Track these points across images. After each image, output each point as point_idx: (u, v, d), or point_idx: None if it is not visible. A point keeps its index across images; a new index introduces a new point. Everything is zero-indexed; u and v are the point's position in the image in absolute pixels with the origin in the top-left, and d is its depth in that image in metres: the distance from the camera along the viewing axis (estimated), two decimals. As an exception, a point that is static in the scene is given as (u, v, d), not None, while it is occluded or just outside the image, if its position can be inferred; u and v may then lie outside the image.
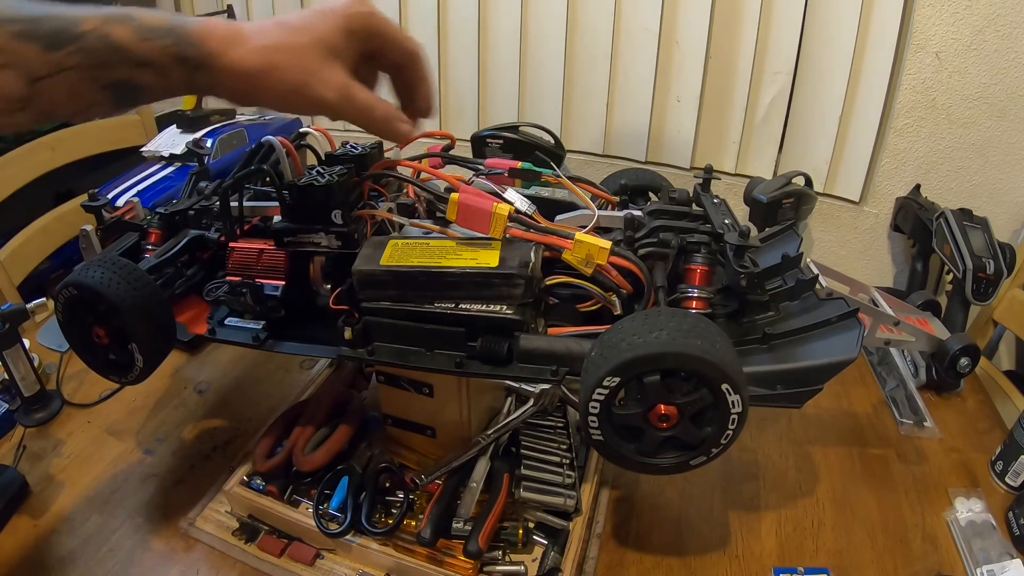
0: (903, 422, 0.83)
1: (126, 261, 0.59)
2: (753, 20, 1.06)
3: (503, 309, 0.55)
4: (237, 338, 0.64)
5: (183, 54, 0.42)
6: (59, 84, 0.40)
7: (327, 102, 0.46)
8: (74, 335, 0.62)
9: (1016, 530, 0.67)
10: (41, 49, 0.39)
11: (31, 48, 0.39)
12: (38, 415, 0.82)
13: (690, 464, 0.52)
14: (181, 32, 0.42)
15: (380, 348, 0.59)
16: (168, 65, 0.42)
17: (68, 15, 0.40)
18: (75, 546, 0.66)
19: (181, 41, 0.42)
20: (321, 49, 0.46)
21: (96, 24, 0.41)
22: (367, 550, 0.63)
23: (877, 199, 1.11)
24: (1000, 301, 0.98)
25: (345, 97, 0.47)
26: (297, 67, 0.45)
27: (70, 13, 0.40)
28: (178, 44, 0.42)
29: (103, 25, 0.41)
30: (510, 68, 1.26)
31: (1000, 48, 0.94)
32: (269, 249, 0.61)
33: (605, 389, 0.48)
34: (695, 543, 0.67)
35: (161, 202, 0.74)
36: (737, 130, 1.15)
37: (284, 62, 0.44)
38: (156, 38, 0.42)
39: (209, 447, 0.79)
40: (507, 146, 1.13)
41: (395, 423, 0.73)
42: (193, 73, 0.43)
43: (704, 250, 0.57)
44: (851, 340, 0.54)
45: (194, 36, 0.42)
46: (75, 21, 0.40)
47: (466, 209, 0.55)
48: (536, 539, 0.65)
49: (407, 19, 1.31)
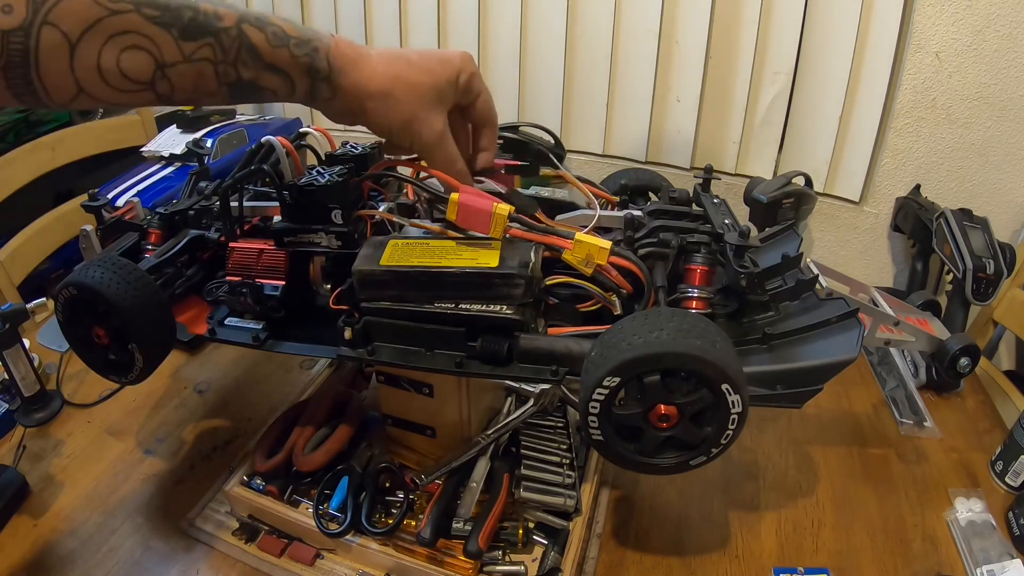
0: (903, 422, 0.83)
1: (126, 261, 0.59)
2: (753, 20, 1.06)
3: (503, 309, 0.55)
4: (237, 338, 0.64)
5: (313, 66, 0.45)
6: (186, 72, 0.42)
7: (425, 142, 0.50)
8: (74, 335, 0.62)
9: (1016, 530, 0.67)
10: (176, 38, 0.41)
11: (167, 36, 0.40)
12: (38, 415, 0.82)
13: (690, 464, 0.52)
14: (314, 44, 0.45)
15: (380, 348, 0.59)
16: (296, 74, 0.45)
17: (207, 8, 0.42)
18: (75, 546, 0.66)
19: (313, 53, 0.45)
20: (434, 92, 0.49)
21: (233, 22, 0.42)
22: (367, 550, 0.63)
23: (877, 199, 1.11)
24: (1000, 301, 0.98)
25: (439, 144, 0.51)
26: (410, 102, 0.48)
27: (209, 7, 0.42)
28: (310, 55, 0.45)
29: (239, 24, 0.42)
30: (510, 68, 1.26)
31: (1000, 48, 0.94)
32: (269, 249, 0.61)
33: (605, 389, 0.48)
34: (695, 543, 0.67)
35: (161, 202, 0.75)
36: (737, 130, 1.15)
37: (401, 94, 0.47)
38: (290, 46, 0.44)
39: (209, 447, 0.79)
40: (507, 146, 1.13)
41: (395, 423, 0.73)
42: (317, 84, 0.46)
43: (704, 250, 0.57)
44: (851, 340, 0.54)
45: (325, 50, 0.45)
46: (213, 16, 0.42)
47: (466, 209, 0.55)
48: (536, 539, 0.65)
49: (407, 19, 1.31)
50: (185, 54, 0.41)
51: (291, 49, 0.44)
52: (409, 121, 0.48)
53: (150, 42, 0.40)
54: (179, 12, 0.40)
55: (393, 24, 1.31)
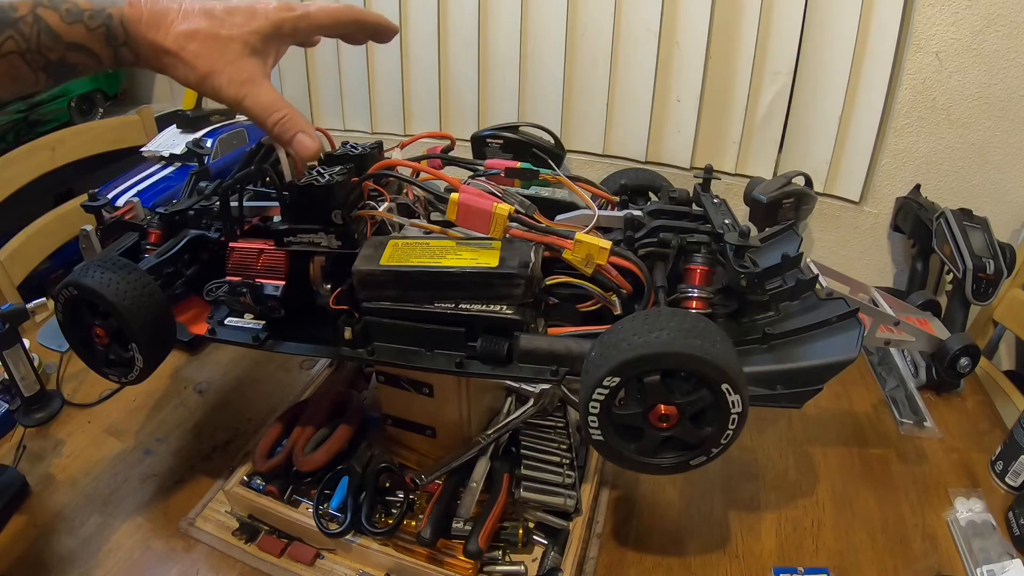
0: (903, 422, 0.83)
1: (126, 261, 0.59)
2: (753, 20, 1.06)
3: (503, 309, 0.55)
4: (237, 338, 0.64)
5: (110, 33, 0.45)
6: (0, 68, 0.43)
7: (227, 94, 0.48)
8: (74, 335, 0.62)
9: (1016, 530, 0.67)
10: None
11: None
12: (38, 415, 0.82)
13: (690, 464, 0.52)
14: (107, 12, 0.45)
15: (380, 348, 0.59)
16: (96, 46, 0.45)
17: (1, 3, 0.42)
18: (75, 546, 0.66)
19: (108, 20, 0.45)
20: (237, 45, 0.48)
21: (28, 9, 0.43)
22: (367, 550, 0.63)
23: (877, 199, 1.11)
24: (1000, 301, 0.98)
25: (248, 95, 0.48)
26: (207, 55, 0.47)
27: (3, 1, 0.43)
28: (105, 23, 0.45)
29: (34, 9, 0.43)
30: (510, 68, 1.26)
31: (1000, 48, 0.94)
32: (269, 249, 0.61)
33: (605, 389, 0.48)
34: (695, 543, 0.67)
35: (161, 202, 0.74)
36: (737, 130, 1.15)
37: (197, 48, 0.47)
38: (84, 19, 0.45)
39: (209, 447, 0.79)
40: (507, 146, 1.14)
41: (395, 423, 0.73)
42: (118, 50, 0.46)
43: (704, 250, 0.57)
44: (851, 340, 0.54)
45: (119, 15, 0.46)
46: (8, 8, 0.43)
47: (466, 209, 0.55)
48: (536, 539, 0.65)
49: (407, 19, 1.31)
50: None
51: (86, 22, 0.45)
52: (207, 75, 0.47)
53: None
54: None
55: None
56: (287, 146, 0.51)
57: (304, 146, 0.50)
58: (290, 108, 0.50)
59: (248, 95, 0.48)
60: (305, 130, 0.50)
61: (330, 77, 1.44)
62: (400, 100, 1.39)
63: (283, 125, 0.49)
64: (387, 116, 1.42)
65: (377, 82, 1.40)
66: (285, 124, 0.49)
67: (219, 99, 0.49)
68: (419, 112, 1.40)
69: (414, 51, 1.33)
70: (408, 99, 1.39)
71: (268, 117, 0.49)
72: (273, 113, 0.49)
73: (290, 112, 0.50)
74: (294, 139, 0.50)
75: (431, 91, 1.35)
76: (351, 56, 1.39)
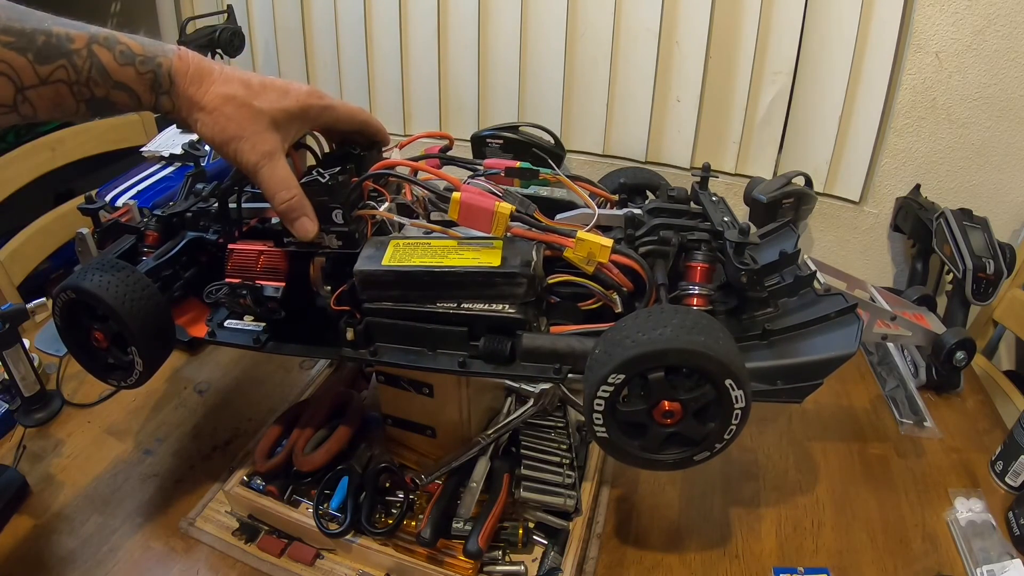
0: (903, 422, 0.83)
1: (124, 263, 0.59)
2: (753, 20, 1.06)
3: (505, 308, 0.55)
4: (237, 340, 0.64)
5: (156, 80, 0.48)
6: (45, 94, 0.45)
7: (247, 160, 0.51)
8: (72, 339, 0.62)
9: (1016, 530, 0.67)
10: (31, 62, 0.43)
11: (22, 60, 0.43)
12: (38, 415, 0.82)
13: (694, 460, 0.52)
14: (158, 60, 0.48)
15: (382, 349, 0.59)
16: (141, 89, 0.48)
17: (59, 32, 0.44)
18: (75, 546, 0.66)
19: (157, 68, 0.48)
20: (266, 117, 0.51)
21: (84, 43, 0.45)
22: (367, 550, 0.63)
23: (877, 199, 1.11)
24: (1000, 301, 0.98)
25: (265, 166, 0.51)
26: (237, 121, 0.50)
27: (61, 30, 0.45)
28: (154, 71, 0.48)
29: (90, 45, 0.45)
30: (510, 68, 1.26)
31: (1000, 48, 0.94)
32: (269, 250, 0.61)
33: (610, 386, 0.48)
34: (695, 543, 0.67)
35: (161, 202, 0.74)
36: (737, 130, 1.15)
37: (230, 112, 0.49)
38: (135, 64, 0.47)
39: (209, 447, 0.79)
40: (507, 146, 1.13)
41: (395, 423, 0.73)
42: (159, 98, 0.49)
43: (704, 247, 0.57)
44: (850, 335, 0.55)
45: (168, 65, 0.48)
46: (65, 39, 0.45)
47: (468, 208, 0.55)
48: (536, 539, 0.65)
49: (407, 19, 1.31)
50: (41, 77, 0.44)
51: (136, 67, 0.47)
52: (232, 138, 0.50)
53: (8, 67, 0.42)
54: (33, 37, 0.43)
55: (393, 24, 1.31)
56: (289, 225, 0.54)
57: (305, 230, 0.55)
58: (299, 190, 0.53)
59: (266, 167, 0.51)
60: (309, 215, 0.54)
61: (330, 78, 1.44)
62: (400, 100, 1.39)
63: (290, 205, 0.53)
64: (387, 116, 1.42)
65: (377, 82, 1.41)
66: (292, 204, 0.53)
67: (238, 163, 0.51)
68: (419, 112, 1.40)
69: (414, 51, 1.33)
70: (408, 99, 1.39)
71: (278, 193, 0.53)
72: (283, 191, 0.53)
73: (299, 194, 0.53)
74: (296, 220, 0.54)
75: (431, 91, 1.35)
76: (351, 57, 1.39)
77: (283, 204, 0.53)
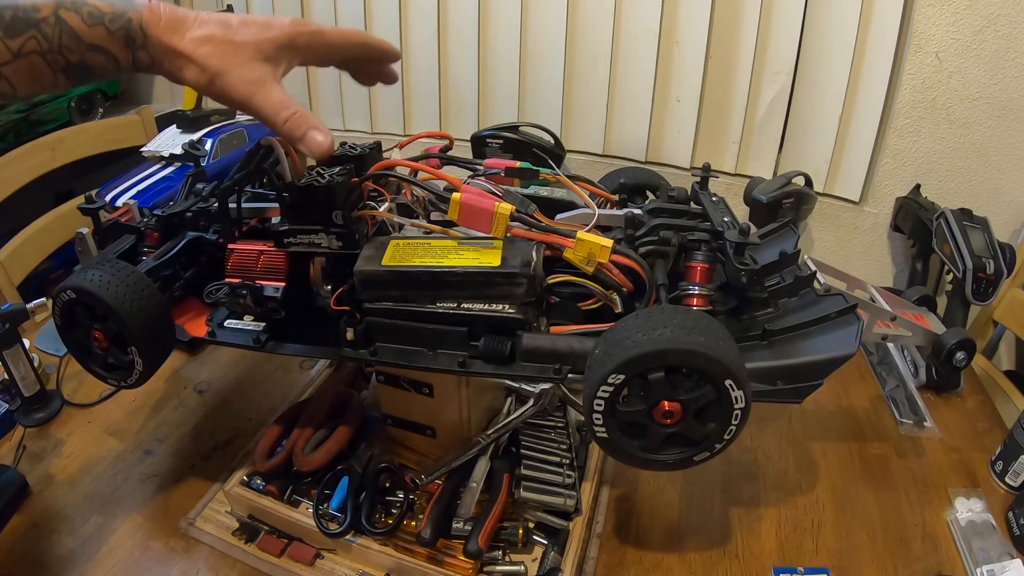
0: (903, 422, 0.83)
1: (124, 263, 0.59)
2: (753, 20, 1.06)
3: (505, 308, 0.55)
4: (238, 340, 0.64)
5: (129, 36, 0.46)
6: (20, 68, 0.44)
7: (236, 92, 0.48)
8: (72, 339, 0.62)
9: (1016, 530, 0.67)
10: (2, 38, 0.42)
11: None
12: (38, 415, 0.82)
13: (694, 460, 0.52)
14: (128, 15, 0.46)
15: (383, 349, 0.59)
16: (115, 48, 0.46)
17: (25, 4, 0.44)
18: (75, 546, 0.66)
19: (128, 24, 0.46)
20: (249, 49, 0.48)
21: (51, 11, 0.44)
22: (367, 550, 0.63)
23: (877, 199, 1.11)
24: (1000, 301, 0.98)
25: (255, 93, 0.48)
26: (217, 58, 0.47)
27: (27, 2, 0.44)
28: (125, 27, 0.46)
29: (56, 11, 0.44)
30: (510, 68, 1.26)
31: (1000, 48, 0.94)
32: (269, 250, 0.61)
33: (610, 386, 0.48)
34: (695, 543, 0.67)
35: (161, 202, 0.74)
36: (737, 130, 1.15)
37: (209, 51, 0.47)
38: (105, 22, 0.45)
39: (209, 447, 0.79)
40: (507, 146, 1.13)
41: (395, 423, 0.73)
42: (136, 53, 0.47)
43: (704, 248, 0.57)
44: (850, 335, 0.55)
45: (138, 19, 0.46)
46: (32, 9, 0.44)
47: (468, 208, 0.55)
48: (536, 539, 0.65)
49: (407, 19, 1.31)
50: (13, 51, 0.43)
51: (106, 25, 0.45)
52: (217, 74, 0.48)
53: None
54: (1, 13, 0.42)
55: (393, 25, 1.31)
56: (298, 143, 0.50)
57: (316, 142, 0.50)
58: (300, 106, 0.50)
59: (257, 93, 0.48)
60: (316, 127, 0.50)
61: (330, 77, 1.44)
62: (400, 100, 1.39)
63: (294, 122, 0.49)
64: (387, 116, 1.42)
65: (377, 82, 1.41)
66: (296, 121, 0.49)
67: (228, 99, 0.49)
68: (419, 112, 1.40)
69: (414, 51, 1.33)
70: (408, 99, 1.39)
71: (278, 115, 0.49)
72: (283, 111, 0.49)
73: (300, 110, 0.50)
74: (305, 135, 0.50)
75: (431, 91, 1.35)
76: (351, 56, 1.39)
77: (286, 123, 0.49)
